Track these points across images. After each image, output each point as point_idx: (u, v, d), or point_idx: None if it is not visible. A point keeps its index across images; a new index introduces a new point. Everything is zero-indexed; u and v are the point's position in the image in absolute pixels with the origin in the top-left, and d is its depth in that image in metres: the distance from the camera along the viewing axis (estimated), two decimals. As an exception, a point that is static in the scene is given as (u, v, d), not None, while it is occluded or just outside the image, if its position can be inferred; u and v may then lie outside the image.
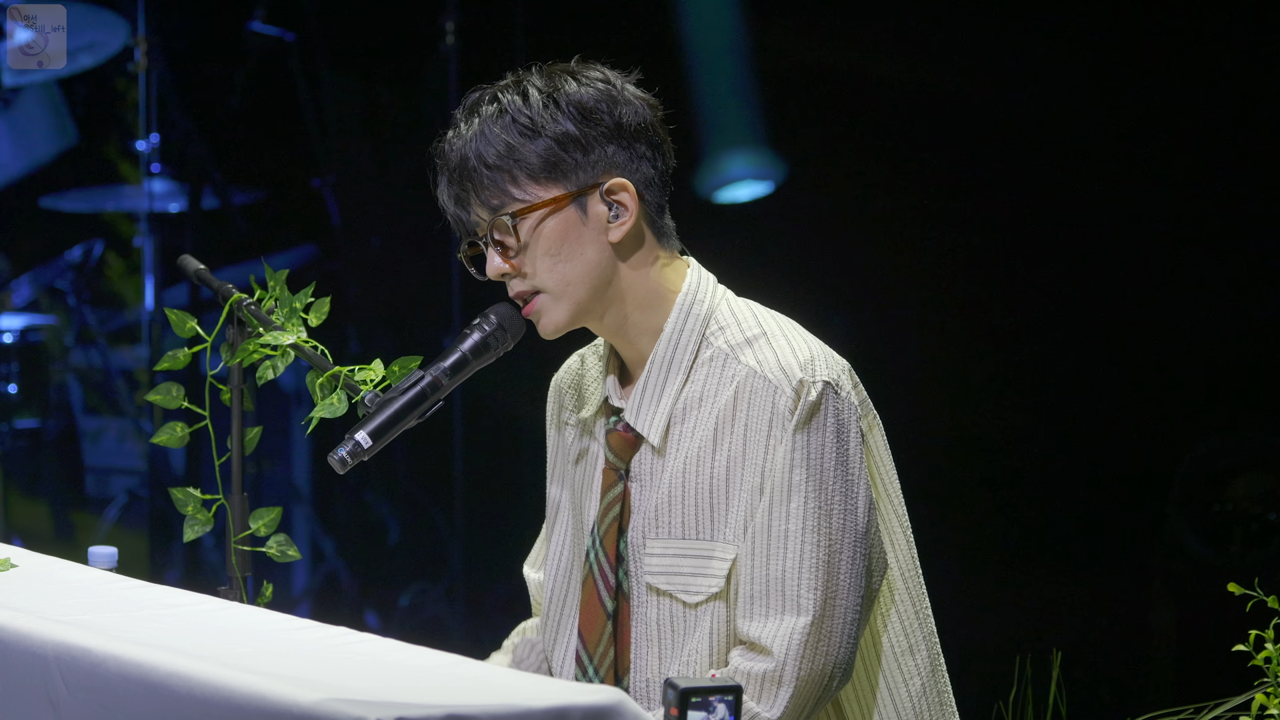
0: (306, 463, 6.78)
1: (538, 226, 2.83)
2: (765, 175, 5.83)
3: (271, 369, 2.79)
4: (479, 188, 2.83)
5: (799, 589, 2.77)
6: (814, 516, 2.77)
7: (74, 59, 6.28)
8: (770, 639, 2.76)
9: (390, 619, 6.59)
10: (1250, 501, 5.29)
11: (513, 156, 2.81)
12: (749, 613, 2.79)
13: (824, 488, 2.78)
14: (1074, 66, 5.41)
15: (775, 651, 2.76)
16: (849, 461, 2.80)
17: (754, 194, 5.81)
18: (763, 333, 2.86)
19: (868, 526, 2.81)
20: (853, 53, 5.63)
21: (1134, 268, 5.41)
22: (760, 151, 5.80)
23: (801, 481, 2.77)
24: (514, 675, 2.09)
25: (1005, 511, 5.58)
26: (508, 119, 2.82)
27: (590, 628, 2.92)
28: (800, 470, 2.77)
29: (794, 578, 2.77)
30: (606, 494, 2.91)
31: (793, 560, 2.77)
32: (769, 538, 2.78)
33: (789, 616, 2.76)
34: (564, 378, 3.07)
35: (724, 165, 5.75)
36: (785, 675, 2.76)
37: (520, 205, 2.82)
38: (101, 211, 6.84)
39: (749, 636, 2.78)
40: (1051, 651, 3.38)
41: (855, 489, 2.80)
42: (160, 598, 2.41)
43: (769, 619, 2.77)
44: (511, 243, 2.84)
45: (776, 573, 2.77)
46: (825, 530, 2.77)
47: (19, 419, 6.44)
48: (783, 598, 2.77)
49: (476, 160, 2.82)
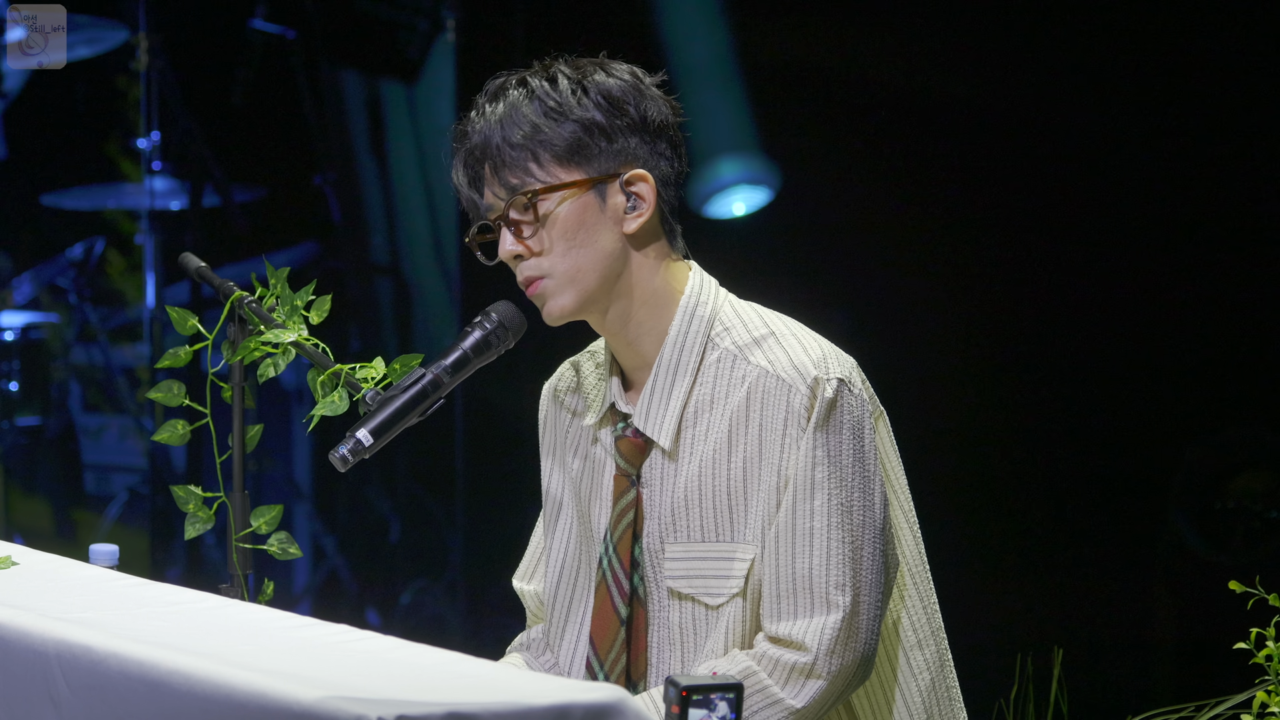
0: (308, 460, 6.79)
1: (556, 208, 2.83)
2: (759, 180, 5.82)
3: (273, 367, 2.79)
4: (500, 166, 2.83)
5: (827, 586, 2.78)
6: (838, 513, 2.78)
7: (75, 56, 6.28)
8: (802, 635, 2.77)
9: (391, 617, 6.59)
10: (1251, 499, 5.29)
11: (538, 137, 2.82)
12: (777, 612, 2.80)
13: (844, 484, 2.79)
14: (1074, 66, 5.40)
15: (810, 646, 2.76)
16: (865, 457, 2.81)
17: (749, 201, 5.81)
18: (770, 333, 2.87)
19: (885, 521, 2.83)
20: (836, 51, 5.64)
21: (1134, 266, 5.41)
22: (752, 156, 5.80)
23: (824, 479, 2.78)
24: (515, 673, 2.09)
25: (1006, 509, 5.58)
26: (536, 101, 2.83)
27: (602, 634, 2.92)
28: (822, 468, 2.78)
29: (821, 575, 2.78)
30: (619, 500, 2.91)
31: (819, 558, 2.78)
32: (793, 536, 2.79)
33: (820, 614, 2.78)
34: (559, 384, 3.06)
35: (715, 172, 5.74)
36: (818, 669, 2.77)
37: (541, 185, 2.83)
38: (103, 209, 6.84)
39: (780, 635, 2.79)
40: (1053, 649, 3.38)
41: (872, 484, 2.81)
42: (161, 595, 2.41)
43: (799, 618, 2.78)
44: (529, 220, 2.84)
45: (803, 570, 2.78)
46: (848, 526, 2.79)
47: (20, 416, 6.45)
48: (811, 595, 2.78)
49: (501, 139, 2.83)
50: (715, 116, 5.76)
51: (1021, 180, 5.49)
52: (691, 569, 2.86)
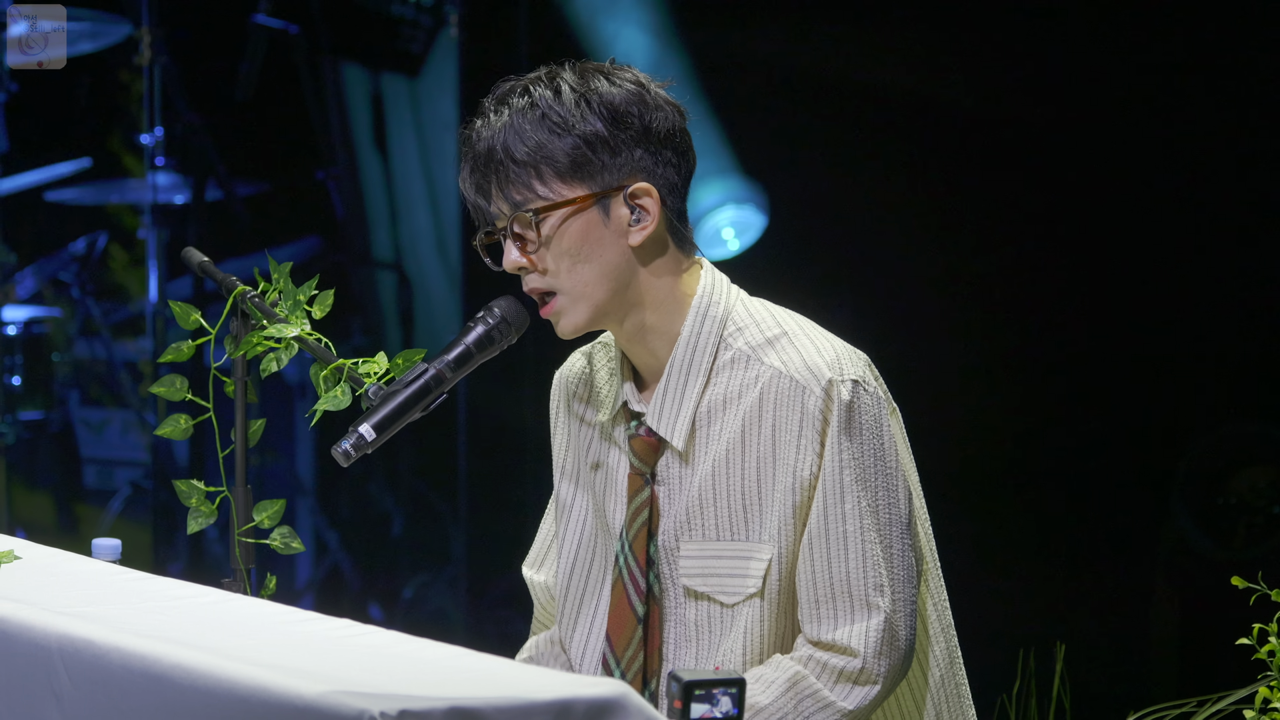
0: (310, 455, 6.79)
1: (560, 226, 2.82)
2: (742, 199, 5.83)
3: (275, 361, 2.78)
4: (504, 182, 2.82)
5: (865, 589, 2.79)
6: (868, 514, 2.79)
7: (78, 51, 6.28)
8: (847, 639, 2.78)
9: (394, 611, 6.59)
10: (1253, 495, 5.29)
11: (541, 153, 2.80)
12: (817, 618, 2.80)
13: (869, 485, 2.79)
14: (1071, 64, 5.40)
15: (858, 650, 2.77)
16: (885, 455, 2.81)
17: (738, 224, 5.82)
18: (783, 332, 2.86)
19: (910, 515, 2.83)
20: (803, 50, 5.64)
21: (1136, 263, 5.41)
22: (734, 177, 5.81)
23: (851, 482, 2.79)
24: (518, 668, 2.08)
25: (1008, 505, 5.58)
26: (538, 113, 2.81)
27: (619, 632, 2.92)
28: (849, 471, 2.79)
29: (859, 578, 2.78)
30: (634, 499, 2.91)
31: (855, 561, 2.78)
32: (827, 541, 2.79)
33: (861, 618, 2.78)
34: (570, 374, 3.06)
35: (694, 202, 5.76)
36: (868, 672, 2.78)
37: (544, 203, 2.82)
38: (106, 204, 6.84)
39: (824, 640, 2.79)
40: (1055, 644, 3.38)
41: (895, 480, 2.82)
42: (164, 590, 2.41)
43: (841, 623, 2.79)
44: (532, 238, 2.83)
45: (840, 574, 2.79)
46: (876, 526, 2.79)
47: (23, 411, 6.44)
48: (850, 599, 2.79)
49: (504, 153, 2.81)
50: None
51: (1033, 177, 5.49)
52: (707, 567, 2.86)
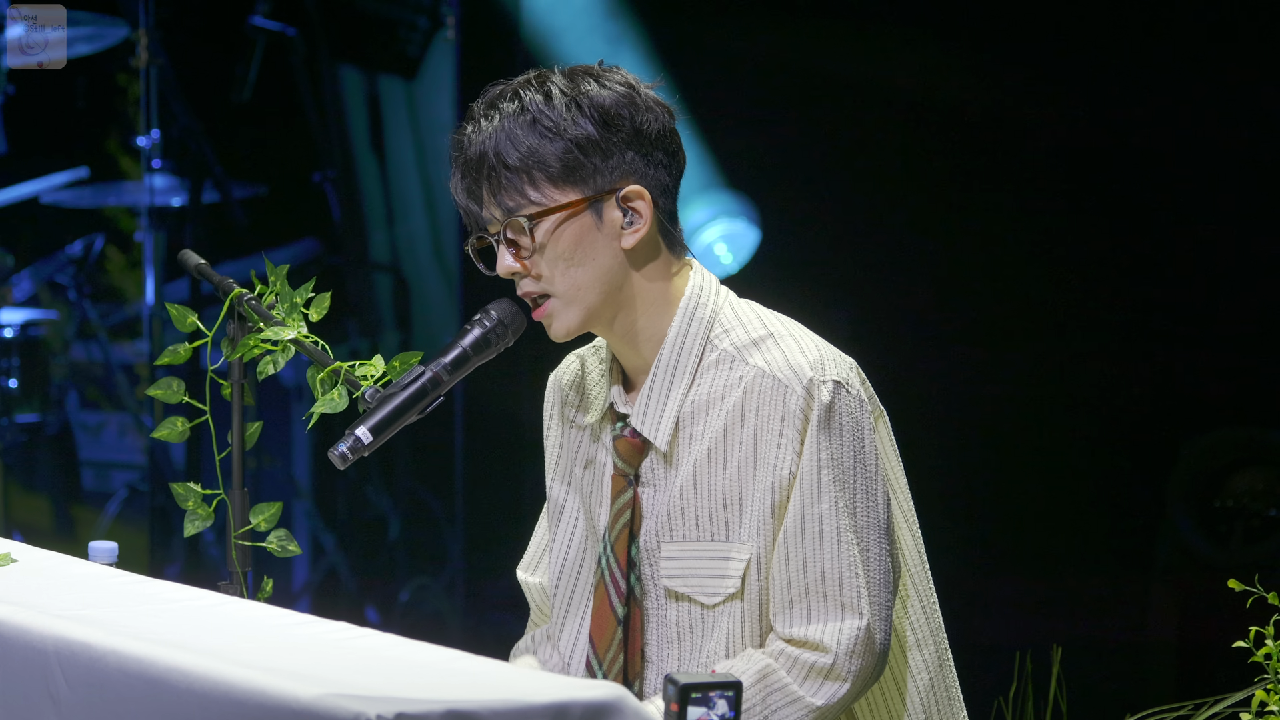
0: (307, 458, 6.79)
1: (554, 231, 2.82)
2: (733, 212, 5.83)
3: (272, 364, 2.78)
4: (496, 187, 2.82)
5: (841, 589, 2.78)
6: (845, 516, 2.79)
7: (76, 53, 6.27)
8: (820, 636, 2.78)
9: (390, 614, 6.59)
10: (1250, 497, 5.29)
11: (533, 158, 2.80)
12: (790, 616, 2.80)
13: (847, 486, 2.79)
14: (1070, 68, 5.40)
15: (830, 647, 2.77)
16: (865, 458, 2.81)
17: (729, 237, 5.81)
18: (769, 333, 2.86)
19: (888, 521, 2.83)
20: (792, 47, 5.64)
21: (1131, 265, 5.41)
22: (721, 191, 5.81)
23: (829, 482, 2.79)
24: (514, 671, 2.09)
25: (1005, 508, 5.58)
26: (529, 118, 2.81)
27: (601, 633, 2.92)
28: (827, 471, 2.79)
29: (835, 578, 2.78)
30: (617, 500, 2.91)
31: (831, 561, 2.78)
32: (803, 540, 2.79)
33: (836, 617, 2.78)
34: (564, 377, 3.06)
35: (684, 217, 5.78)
36: (839, 670, 2.78)
37: (537, 209, 2.82)
38: (103, 206, 6.84)
39: (796, 636, 2.79)
40: (1052, 647, 3.38)
41: (874, 484, 2.82)
42: (160, 593, 2.41)
43: (815, 621, 2.79)
44: (525, 243, 2.83)
45: (816, 574, 2.79)
46: (853, 528, 2.79)
47: (19, 413, 6.44)
48: (825, 599, 2.79)
49: (496, 159, 2.81)
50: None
51: (1029, 178, 5.49)
52: (687, 568, 2.86)
